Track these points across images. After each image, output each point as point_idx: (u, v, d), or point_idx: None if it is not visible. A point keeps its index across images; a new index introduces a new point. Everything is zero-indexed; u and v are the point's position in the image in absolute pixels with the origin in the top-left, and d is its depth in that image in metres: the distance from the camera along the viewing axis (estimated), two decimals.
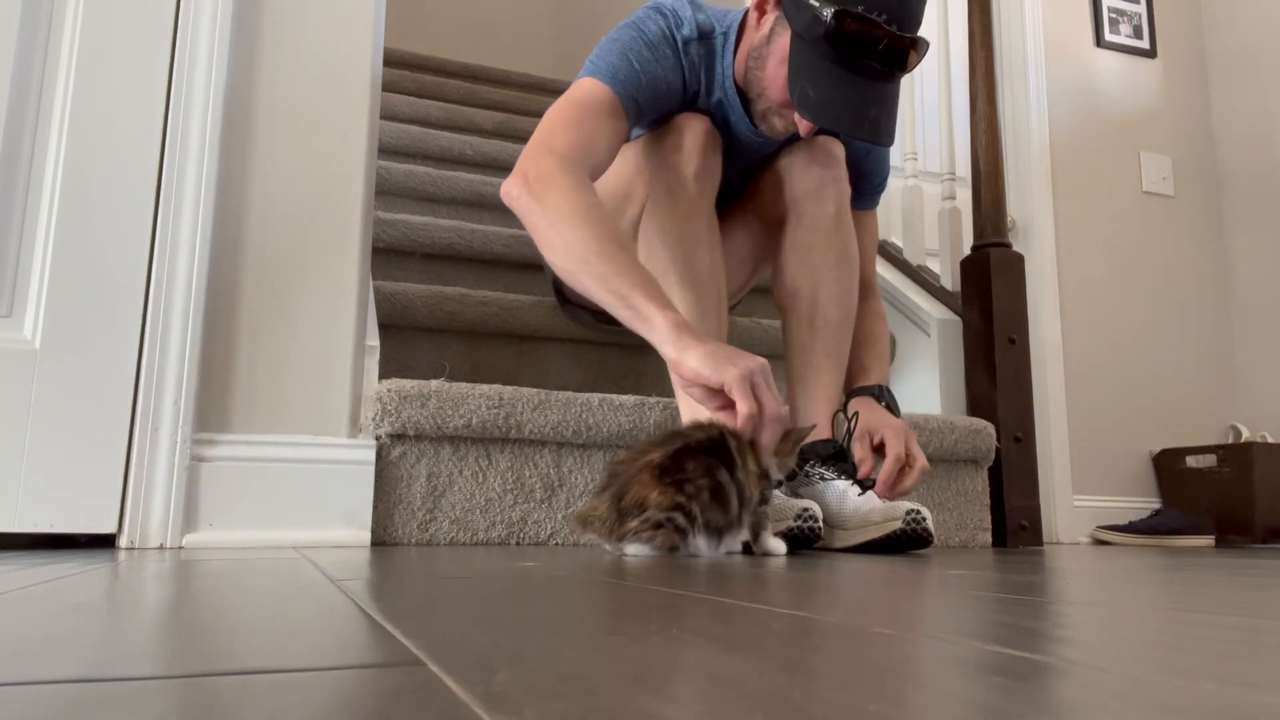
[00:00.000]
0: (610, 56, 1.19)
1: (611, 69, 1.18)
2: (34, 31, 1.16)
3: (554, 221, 1.08)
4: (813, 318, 1.29)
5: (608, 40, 1.22)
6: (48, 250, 1.13)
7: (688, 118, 1.24)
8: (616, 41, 1.21)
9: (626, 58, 1.19)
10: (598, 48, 1.22)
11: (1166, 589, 0.70)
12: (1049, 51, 2.29)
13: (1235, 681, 0.30)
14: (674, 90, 1.24)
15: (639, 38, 1.21)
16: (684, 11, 1.25)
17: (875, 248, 1.50)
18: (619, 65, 1.18)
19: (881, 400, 1.33)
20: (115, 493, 1.11)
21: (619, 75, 1.18)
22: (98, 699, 0.26)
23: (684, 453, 0.96)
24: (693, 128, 1.23)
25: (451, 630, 0.40)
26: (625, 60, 1.18)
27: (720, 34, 1.26)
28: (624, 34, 1.22)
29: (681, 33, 1.24)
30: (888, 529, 1.16)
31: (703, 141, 1.23)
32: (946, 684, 0.30)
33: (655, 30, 1.22)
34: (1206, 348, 2.35)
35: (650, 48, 1.21)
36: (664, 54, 1.22)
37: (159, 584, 0.63)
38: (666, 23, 1.23)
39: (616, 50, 1.19)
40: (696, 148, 1.22)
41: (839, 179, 1.31)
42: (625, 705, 0.26)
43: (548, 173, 1.10)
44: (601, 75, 1.18)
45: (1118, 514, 2.11)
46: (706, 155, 1.23)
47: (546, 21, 4.13)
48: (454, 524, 1.26)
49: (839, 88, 1.12)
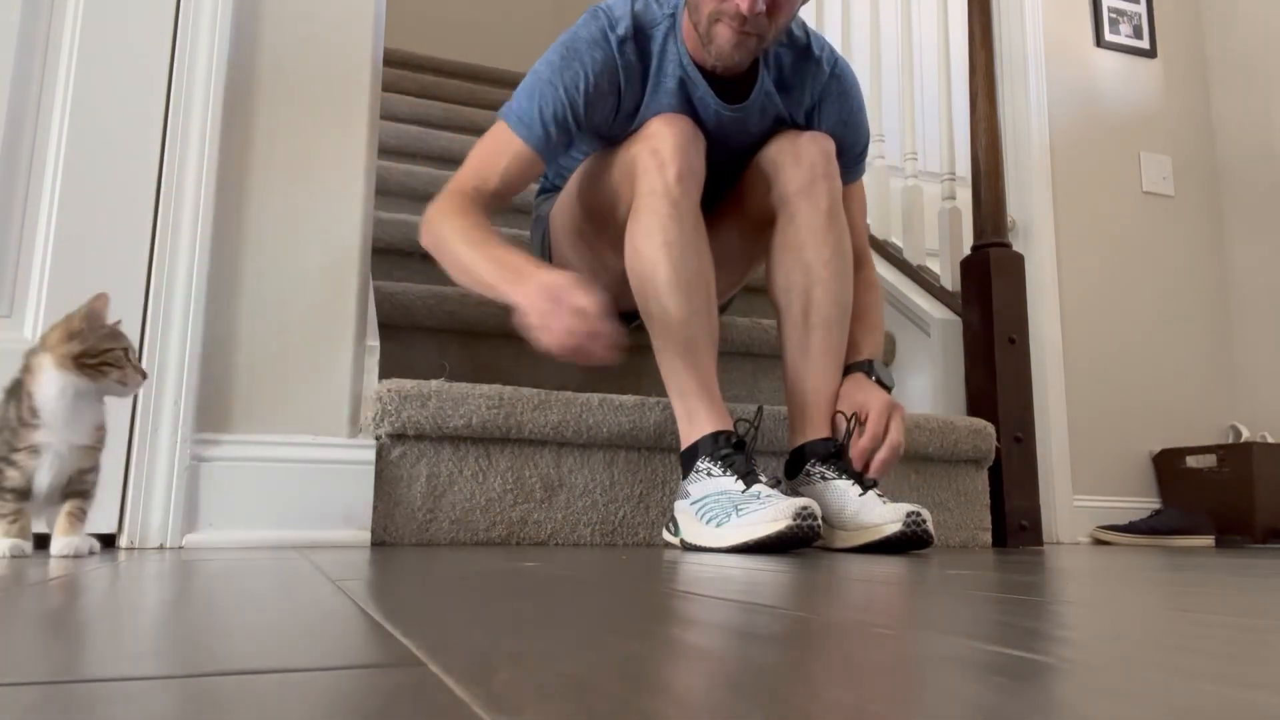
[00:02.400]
0: (522, 98, 1.28)
1: (519, 112, 1.27)
2: (34, 31, 1.16)
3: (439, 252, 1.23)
4: (808, 315, 1.29)
5: (532, 70, 1.29)
6: (48, 250, 1.13)
7: (666, 119, 1.24)
8: (534, 74, 1.28)
9: (533, 96, 1.26)
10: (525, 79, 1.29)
11: (1166, 589, 0.70)
12: (1049, 51, 2.29)
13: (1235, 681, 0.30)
14: (607, 89, 1.27)
15: (556, 61, 1.26)
16: (619, 9, 1.29)
17: (864, 216, 1.50)
18: (526, 109, 1.26)
19: (871, 376, 1.33)
20: (115, 492, 1.10)
21: (524, 119, 1.26)
22: (98, 699, 0.26)
23: None
24: (671, 130, 1.23)
25: (451, 630, 0.40)
26: (531, 101, 1.26)
27: (665, 16, 1.29)
28: (545, 59, 1.28)
29: (616, 33, 1.27)
30: (887, 531, 1.16)
31: (683, 143, 1.23)
32: (946, 684, 0.30)
33: (585, 36, 1.27)
34: (1206, 348, 2.35)
35: (566, 68, 1.25)
36: (592, 59, 1.26)
37: (159, 584, 0.63)
38: (600, 24, 1.27)
39: (526, 90, 1.28)
40: (677, 149, 1.22)
41: (831, 175, 1.31)
42: (625, 705, 0.26)
43: (432, 213, 1.24)
44: (509, 119, 1.28)
45: (1118, 514, 2.11)
46: (688, 156, 1.23)
47: (546, 21, 4.13)
48: (454, 524, 1.26)
49: None
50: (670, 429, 1.37)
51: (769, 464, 1.40)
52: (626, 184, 1.26)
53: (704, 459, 1.18)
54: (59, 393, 0.88)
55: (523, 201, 2.16)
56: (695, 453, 1.20)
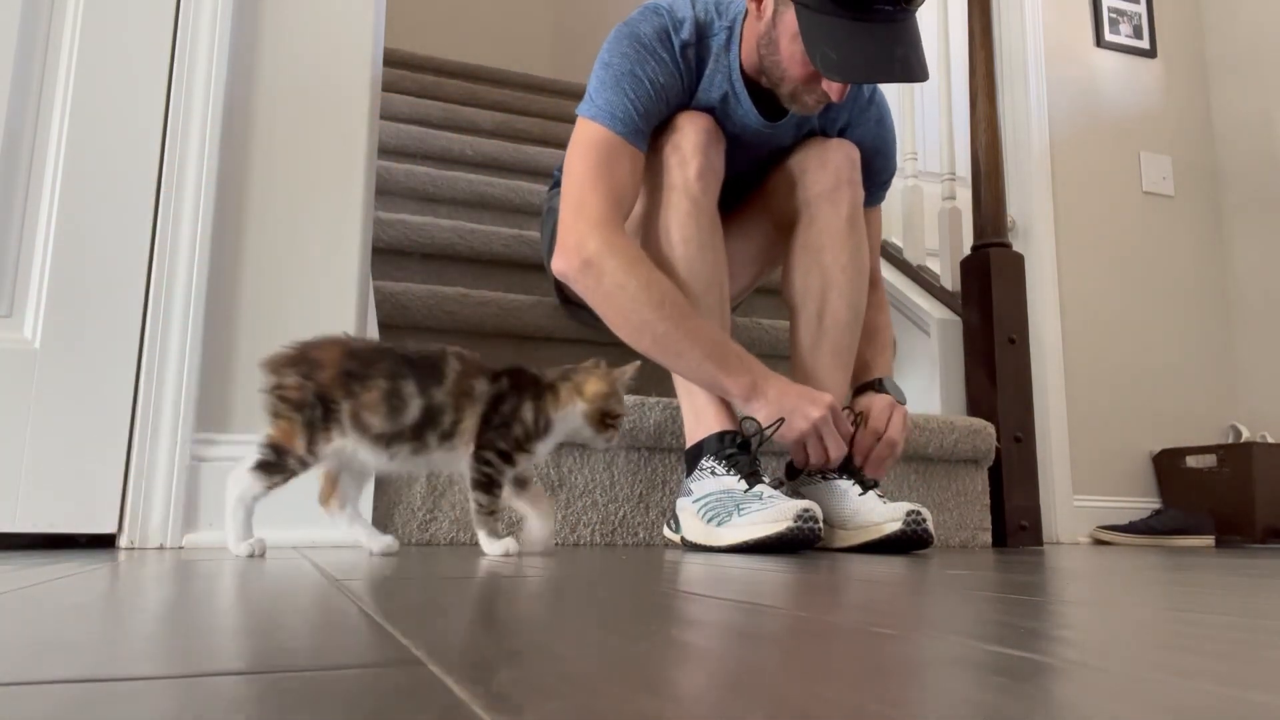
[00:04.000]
0: (606, 91, 1.20)
1: (609, 107, 1.20)
2: (34, 31, 1.16)
3: (617, 306, 1.16)
4: (821, 317, 1.30)
5: (603, 64, 1.22)
6: (48, 250, 1.13)
7: (688, 116, 1.24)
8: (609, 68, 1.21)
9: (621, 89, 1.20)
10: (596, 73, 1.23)
11: (1166, 589, 0.70)
12: (1049, 51, 2.29)
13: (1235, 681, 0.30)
14: (673, 92, 1.24)
15: (631, 53, 1.21)
16: (682, 10, 1.25)
17: (879, 241, 1.51)
18: (615, 102, 1.20)
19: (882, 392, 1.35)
20: (115, 492, 1.10)
21: (617, 114, 1.19)
22: (98, 699, 0.26)
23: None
24: (693, 127, 1.23)
25: (451, 630, 0.40)
26: (620, 93, 1.20)
27: (723, 28, 1.26)
28: (617, 50, 1.22)
29: (680, 36, 1.24)
30: (888, 530, 1.16)
31: (704, 140, 1.23)
32: (946, 684, 0.30)
33: (650, 32, 1.22)
34: (1206, 348, 2.35)
35: (642, 61, 1.21)
36: (660, 59, 1.22)
37: (159, 584, 0.63)
38: (663, 22, 1.23)
39: (611, 82, 1.20)
40: (698, 147, 1.22)
41: (854, 182, 1.31)
42: (625, 705, 0.26)
43: (596, 255, 1.15)
44: (601, 118, 1.20)
45: (1118, 514, 2.11)
46: (708, 154, 1.23)
47: (546, 21, 4.13)
48: (454, 524, 1.26)
49: (857, 39, 1.12)
50: (670, 429, 1.37)
51: (770, 464, 1.40)
52: (645, 178, 1.26)
53: (709, 458, 1.18)
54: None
55: (529, 200, 2.16)
56: (700, 451, 1.20)
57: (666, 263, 1.21)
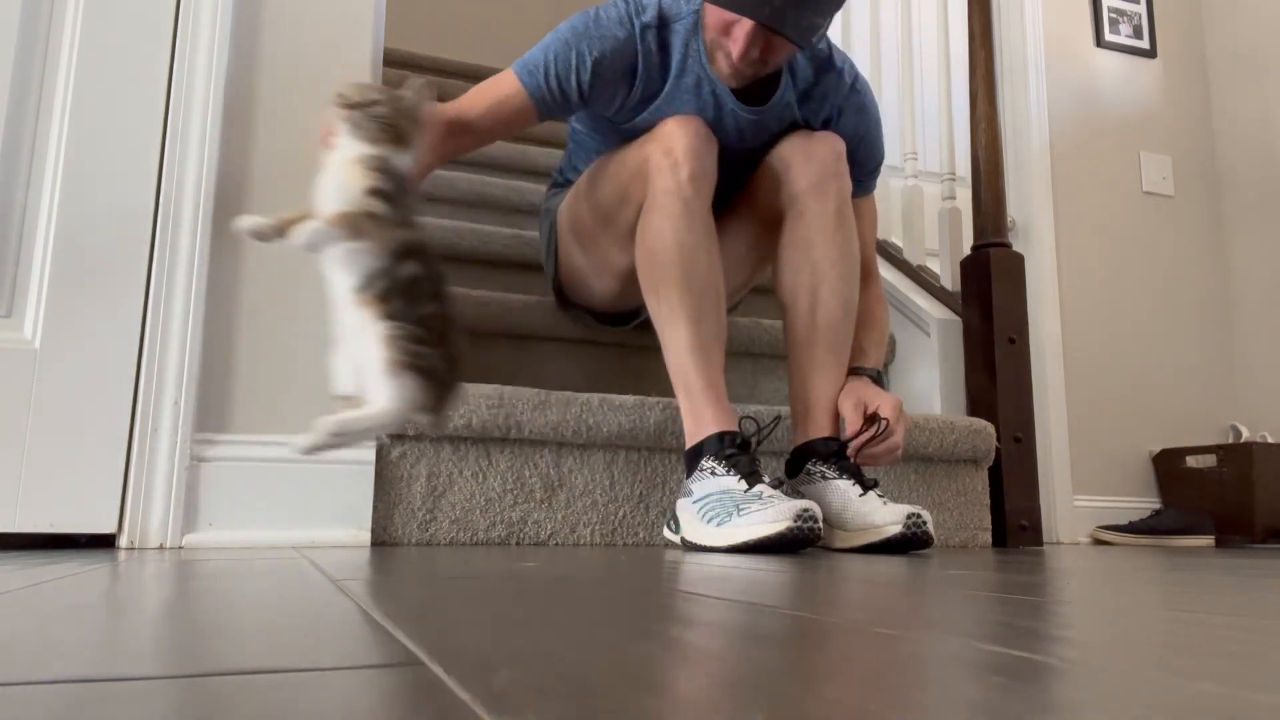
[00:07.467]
0: (536, 51, 1.28)
1: (529, 62, 1.28)
2: (34, 30, 1.16)
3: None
4: (814, 314, 1.29)
5: (554, 30, 1.29)
6: (48, 250, 1.13)
7: (680, 120, 1.24)
8: (554, 35, 1.28)
9: (547, 52, 1.27)
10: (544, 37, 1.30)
11: (1166, 589, 0.70)
12: (1049, 51, 2.29)
13: (1235, 681, 0.30)
14: (622, 69, 1.27)
15: (580, 28, 1.26)
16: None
17: (875, 230, 1.50)
18: (533, 57, 1.27)
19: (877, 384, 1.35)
20: (115, 492, 1.10)
21: (530, 66, 1.27)
22: (98, 699, 0.26)
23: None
24: (685, 130, 1.23)
25: (451, 630, 0.40)
26: (544, 54, 1.27)
27: (690, 12, 1.28)
28: (569, 24, 1.28)
29: (642, 19, 1.27)
30: (888, 532, 1.16)
31: (696, 144, 1.23)
32: (946, 684, 0.30)
33: (614, 14, 1.27)
34: (1206, 348, 2.35)
35: (587, 37, 1.25)
36: (614, 37, 1.26)
37: (159, 584, 0.63)
38: (627, 8, 1.27)
39: (545, 44, 1.28)
40: (690, 150, 1.22)
41: (840, 174, 1.31)
42: (625, 705, 0.26)
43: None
44: (515, 64, 1.29)
45: (1118, 514, 2.11)
46: (700, 157, 1.23)
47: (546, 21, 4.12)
48: (454, 524, 1.26)
49: None
50: (670, 429, 1.37)
51: (769, 464, 1.40)
52: (638, 183, 1.26)
53: (708, 458, 1.18)
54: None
55: (529, 200, 2.16)
56: (700, 452, 1.20)
57: (662, 266, 1.21)
